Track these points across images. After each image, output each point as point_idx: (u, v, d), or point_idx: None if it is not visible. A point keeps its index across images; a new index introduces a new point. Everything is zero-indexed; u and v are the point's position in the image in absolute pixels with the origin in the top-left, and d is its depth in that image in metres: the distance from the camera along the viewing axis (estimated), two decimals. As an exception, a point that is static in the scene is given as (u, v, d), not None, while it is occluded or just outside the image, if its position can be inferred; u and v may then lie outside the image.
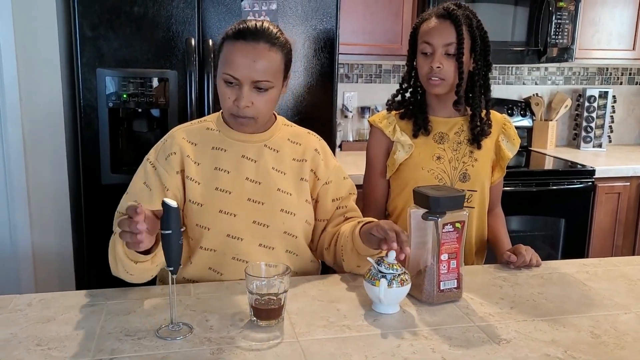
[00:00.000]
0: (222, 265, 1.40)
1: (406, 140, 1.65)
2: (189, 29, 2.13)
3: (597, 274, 1.48)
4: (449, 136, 1.66)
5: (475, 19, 1.60)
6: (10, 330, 1.11)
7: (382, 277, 1.20)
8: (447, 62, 1.57)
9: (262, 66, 1.31)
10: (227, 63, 1.32)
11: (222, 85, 1.34)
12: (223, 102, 1.36)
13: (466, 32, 1.57)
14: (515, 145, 1.71)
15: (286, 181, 1.43)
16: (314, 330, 1.14)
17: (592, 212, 2.83)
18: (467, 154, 1.64)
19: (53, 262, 2.26)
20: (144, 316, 1.18)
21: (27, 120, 2.15)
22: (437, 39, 1.57)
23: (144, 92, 2.13)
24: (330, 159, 1.52)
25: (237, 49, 1.31)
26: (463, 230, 1.28)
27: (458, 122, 1.67)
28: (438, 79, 1.58)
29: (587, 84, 3.49)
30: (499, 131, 1.70)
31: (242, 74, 1.30)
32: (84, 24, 2.04)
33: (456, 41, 1.55)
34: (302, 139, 1.50)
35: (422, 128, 1.65)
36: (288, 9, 2.20)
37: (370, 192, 1.75)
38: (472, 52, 1.60)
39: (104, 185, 2.14)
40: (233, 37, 1.33)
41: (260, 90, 1.33)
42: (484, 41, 1.61)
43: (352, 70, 3.15)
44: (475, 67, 1.62)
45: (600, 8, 2.99)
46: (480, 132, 1.64)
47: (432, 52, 1.58)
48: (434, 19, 1.59)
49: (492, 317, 1.22)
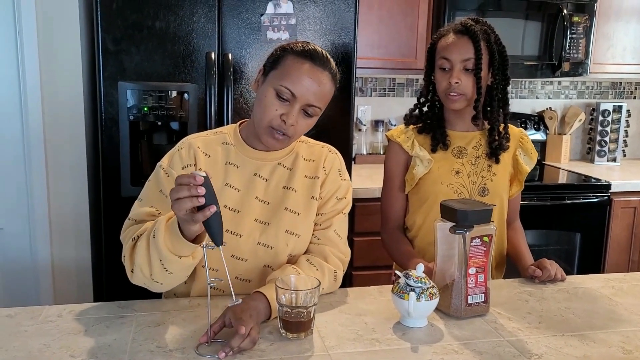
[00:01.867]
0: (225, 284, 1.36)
1: (425, 155, 1.65)
2: (209, 43, 2.15)
3: (622, 289, 1.48)
4: (467, 150, 1.66)
5: (493, 34, 1.60)
6: (43, 341, 1.12)
7: (411, 291, 1.20)
8: (465, 78, 1.57)
9: (322, 93, 1.32)
10: (290, 77, 1.29)
11: (272, 96, 1.30)
12: (266, 111, 1.30)
13: (484, 47, 1.57)
14: (533, 159, 1.71)
15: (296, 199, 1.39)
16: (344, 344, 1.14)
17: (608, 227, 2.82)
18: (485, 168, 1.65)
19: (72, 274, 2.27)
20: (174, 328, 1.19)
21: (49, 133, 2.17)
22: (455, 54, 1.57)
23: (164, 106, 2.15)
24: (334, 175, 1.45)
25: (306, 68, 1.30)
26: (491, 244, 1.28)
27: (476, 136, 1.67)
28: (457, 94, 1.58)
29: (601, 98, 3.50)
30: (517, 145, 1.70)
31: (302, 93, 1.29)
32: (107, 39, 2.07)
33: (474, 57, 1.56)
34: (315, 155, 1.46)
35: (440, 142, 1.65)
36: (307, 23, 2.22)
37: (388, 207, 1.75)
38: (490, 67, 1.60)
39: (124, 197, 2.16)
40: (301, 54, 1.31)
41: (306, 115, 1.32)
42: (502, 56, 1.61)
43: (366, 84, 3.17)
44: (494, 82, 1.62)
45: (614, 23, 3.00)
46: (499, 146, 1.64)
47: (451, 68, 1.58)
48: (451, 35, 1.60)
49: (521, 331, 1.22)
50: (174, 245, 1.16)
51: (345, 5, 2.25)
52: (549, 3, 2.83)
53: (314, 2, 2.21)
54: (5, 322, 1.20)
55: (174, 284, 1.30)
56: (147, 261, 1.21)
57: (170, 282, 1.27)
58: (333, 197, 1.43)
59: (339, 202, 1.44)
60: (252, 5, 2.17)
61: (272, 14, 2.18)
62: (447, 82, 1.58)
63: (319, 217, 1.42)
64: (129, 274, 1.28)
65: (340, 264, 1.41)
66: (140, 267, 1.23)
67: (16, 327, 1.18)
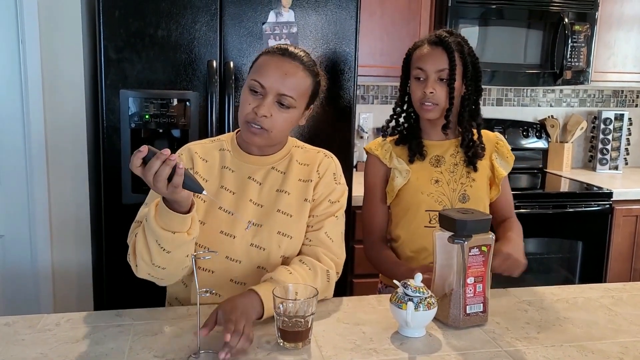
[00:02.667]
0: (221, 287, 1.37)
1: (403, 167, 1.67)
2: (211, 51, 2.16)
3: (622, 299, 1.47)
4: (444, 159, 1.68)
5: (467, 46, 1.64)
6: (41, 350, 1.12)
7: (409, 301, 1.20)
8: (439, 88, 1.60)
9: (291, 82, 1.34)
10: (258, 71, 1.35)
11: (246, 92, 1.35)
12: (242, 108, 1.36)
13: (458, 58, 1.60)
14: (509, 162, 1.73)
15: (289, 201, 1.41)
16: (342, 354, 1.14)
17: (610, 235, 2.81)
18: (464, 174, 1.67)
19: (72, 281, 2.28)
20: (171, 337, 1.19)
21: (51, 140, 2.18)
22: (430, 65, 1.60)
23: (166, 113, 2.16)
24: (327, 178, 1.46)
25: (272, 60, 1.35)
26: (489, 253, 1.28)
27: (452, 144, 1.69)
28: (431, 104, 1.61)
29: (602, 106, 3.50)
30: (492, 149, 1.72)
31: (270, 84, 1.32)
32: (109, 47, 2.08)
33: (448, 67, 1.59)
34: (310, 159, 1.48)
35: (417, 153, 1.67)
36: (308, 32, 2.23)
37: (370, 219, 1.75)
38: (464, 78, 1.63)
39: (125, 204, 2.16)
40: (271, 51, 1.37)
41: (281, 107, 1.34)
42: (475, 67, 1.65)
43: (368, 92, 3.18)
44: (466, 92, 1.65)
45: (615, 31, 3.00)
46: (474, 154, 1.66)
47: (426, 78, 1.61)
48: (426, 46, 1.63)
49: (520, 342, 1.21)
50: (165, 221, 1.19)
51: (347, 14, 2.25)
52: (550, 12, 2.84)
53: (315, 10, 2.22)
54: (3, 330, 1.20)
55: (177, 271, 1.31)
56: (146, 246, 1.24)
57: (172, 266, 1.28)
58: (326, 199, 1.44)
59: (331, 205, 1.45)
60: (254, 14, 2.18)
61: (273, 23, 2.19)
62: (422, 91, 1.61)
63: (311, 219, 1.44)
64: (134, 270, 1.30)
65: (333, 265, 1.41)
66: (142, 254, 1.26)
67: (14, 335, 1.18)
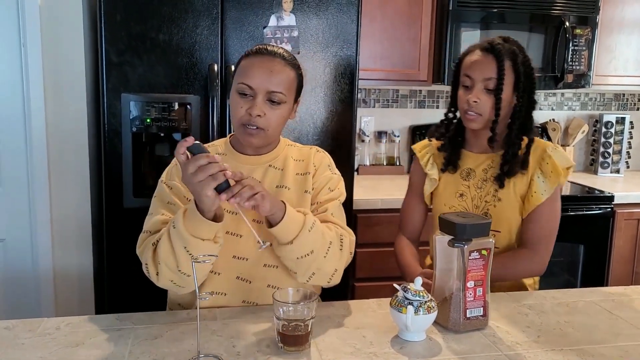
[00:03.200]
0: (227, 285, 1.39)
1: (433, 174, 1.66)
2: (212, 55, 2.17)
3: (623, 303, 1.47)
4: (475, 173, 1.63)
5: (522, 55, 1.55)
6: (40, 354, 1.12)
7: (409, 304, 1.20)
8: (485, 97, 1.54)
9: (278, 78, 1.36)
10: (243, 74, 1.37)
11: (236, 97, 1.37)
12: (235, 112, 1.37)
13: (509, 67, 1.52)
14: (552, 182, 1.54)
15: (289, 196, 1.43)
16: (341, 358, 1.14)
17: (612, 238, 2.80)
18: (490, 192, 1.59)
19: (73, 284, 2.28)
20: (171, 341, 1.19)
21: (52, 144, 2.19)
22: (477, 72, 1.54)
23: (167, 117, 2.16)
24: (323, 169, 1.50)
25: (255, 61, 1.37)
26: (489, 257, 1.28)
27: (489, 157, 1.62)
28: (474, 114, 1.55)
29: (604, 109, 3.49)
30: (536, 165, 1.57)
31: (258, 84, 1.34)
32: (110, 51, 2.09)
33: (496, 76, 1.52)
34: (304, 155, 1.52)
35: (450, 164, 1.65)
36: (309, 35, 2.23)
37: (404, 214, 1.79)
38: (515, 89, 1.55)
39: (126, 208, 2.17)
40: (251, 53, 1.40)
41: (273, 104, 1.36)
42: (528, 78, 1.56)
43: (369, 95, 3.18)
44: (517, 104, 1.56)
45: (616, 35, 3.00)
46: (508, 171, 1.56)
47: (472, 86, 1.55)
48: (477, 52, 1.57)
49: (520, 345, 1.21)
50: (194, 227, 1.21)
51: (348, 18, 2.26)
52: (551, 16, 2.84)
53: (316, 14, 2.23)
54: (3, 334, 1.20)
55: (200, 278, 1.31)
56: (172, 253, 1.25)
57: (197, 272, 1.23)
58: (325, 187, 1.47)
59: (331, 192, 1.48)
60: (255, 18, 2.18)
61: (274, 27, 2.20)
62: (467, 100, 1.56)
63: (314, 206, 1.46)
64: (154, 278, 1.31)
65: (346, 233, 1.42)
66: (165, 262, 1.26)
67: (14, 339, 1.18)
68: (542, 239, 1.57)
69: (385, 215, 2.50)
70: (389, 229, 2.52)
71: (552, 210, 1.59)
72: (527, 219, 1.58)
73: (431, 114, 3.21)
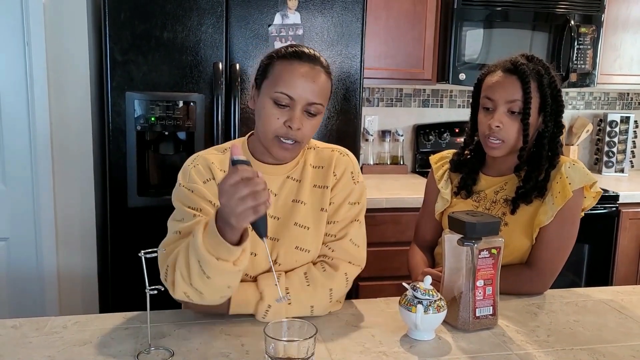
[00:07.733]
0: None
1: (445, 194, 1.59)
2: (217, 53, 2.16)
3: (632, 302, 1.46)
4: (486, 194, 1.54)
5: (548, 75, 1.45)
6: (48, 352, 1.11)
7: (419, 303, 1.19)
8: (509, 122, 1.43)
9: (319, 89, 1.27)
10: (283, 82, 1.25)
11: (270, 106, 1.26)
12: (268, 122, 1.26)
13: (535, 89, 1.42)
14: (557, 201, 1.42)
15: (305, 213, 1.35)
16: (351, 357, 1.13)
17: (616, 238, 2.79)
18: (498, 215, 1.48)
19: (78, 284, 2.27)
20: (179, 340, 1.18)
21: (56, 142, 2.18)
22: (500, 94, 1.43)
23: (171, 116, 2.15)
24: (346, 180, 1.38)
25: (296, 68, 1.25)
26: (499, 256, 1.27)
27: (502, 180, 1.53)
28: (498, 141, 1.44)
29: (608, 108, 3.48)
30: (550, 189, 1.47)
31: (299, 94, 1.24)
32: (115, 49, 2.08)
33: (522, 99, 1.41)
34: (325, 160, 1.40)
35: (464, 189, 1.56)
36: (314, 34, 2.23)
37: (419, 224, 1.73)
38: (541, 112, 1.44)
39: (130, 207, 2.16)
40: (288, 57, 1.27)
41: (309, 115, 1.27)
42: (556, 100, 1.45)
43: (373, 94, 3.17)
44: (544, 129, 1.45)
45: (621, 34, 3.00)
46: (522, 195, 1.46)
47: (494, 109, 1.44)
48: (499, 72, 1.46)
49: (530, 345, 1.20)
50: (212, 245, 1.09)
51: (353, 16, 2.25)
52: (556, 14, 2.83)
53: (321, 12, 2.22)
54: (11, 333, 1.20)
55: (213, 299, 1.20)
56: (186, 263, 1.14)
57: (209, 293, 1.17)
58: (345, 202, 1.36)
59: (352, 208, 1.37)
60: (260, 16, 2.17)
61: (279, 25, 2.19)
62: (488, 124, 1.45)
63: (332, 225, 1.35)
64: (171, 290, 1.20)
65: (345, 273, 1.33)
66: (181, 271, 1.16)
67: (21, 338, 1.17)
68: (547, 262, 1.46)
69: (390, 215, 2.50)
70: (393, 228, 2.52)
71: (559, 234, 1.45)
72: (536, 238, 1.47)
73: (435, 113, 3.20)
